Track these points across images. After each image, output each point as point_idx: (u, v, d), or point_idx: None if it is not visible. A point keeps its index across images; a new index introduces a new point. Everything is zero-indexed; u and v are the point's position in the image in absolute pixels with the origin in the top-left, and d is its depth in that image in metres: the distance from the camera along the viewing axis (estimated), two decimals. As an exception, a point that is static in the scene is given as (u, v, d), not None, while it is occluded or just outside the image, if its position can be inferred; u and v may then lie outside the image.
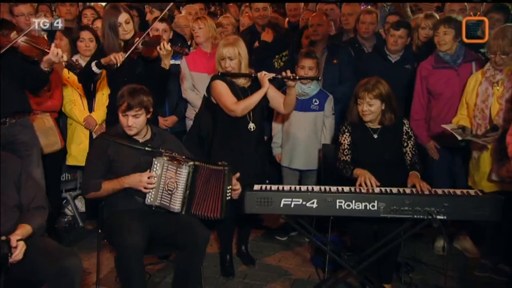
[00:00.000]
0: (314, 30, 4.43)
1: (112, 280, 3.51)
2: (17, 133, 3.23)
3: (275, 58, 4.49)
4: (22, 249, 2.46)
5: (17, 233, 2.52)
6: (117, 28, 3.44)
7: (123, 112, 2.99)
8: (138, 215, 2.99)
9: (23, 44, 3.11)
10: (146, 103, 3.01)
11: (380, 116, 3.35)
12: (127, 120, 3.00)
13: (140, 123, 3.03)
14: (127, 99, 2.96)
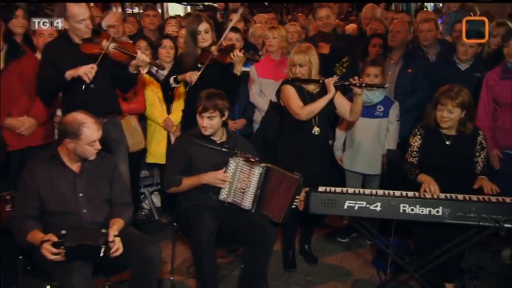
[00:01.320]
0: (393, 36, 4.37)
1: (184, 270, 3.65)
2: (109, 132, 3.39)
3: (336, 67, 4.47)
4: (118, 244, 2.64)
5: (114, 228, 2.71)
6: (197, 36, 3.57)
7: (199, 113, 3.13)
8: (211, 210, 3.10)
9: (113, 50, 3.30)
10: (221, 106, 3.12)
11: (457, 124, 3.26)
12: (202, 121, 3.13)
13: (214, 124, 3.15)
14: (204, 101, 3.11)
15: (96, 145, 2.78)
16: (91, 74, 3.16)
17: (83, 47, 3.29)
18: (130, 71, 3.36)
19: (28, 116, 3.48)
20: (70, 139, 2.73)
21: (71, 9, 3.21)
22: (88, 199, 2.83)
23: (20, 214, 2.71)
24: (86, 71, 3.15)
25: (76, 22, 3.24)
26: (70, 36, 3.33)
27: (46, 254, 2.51)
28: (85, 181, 2.84)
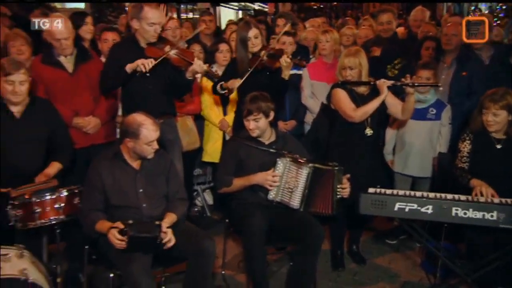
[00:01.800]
0: (448, 39, 4.26)
1: (235, 265, 3.72)
2: (164, 132, 3.47)
3: (387, 68, 4.41)
4: (171, 235, 2.74)
5: (166, 221, 2.81)
6: (247, 42, 3.63)
7: (245, 117, 3.19)
8: (261, 208, 3.15)
9: (174, 56, 3.42)
10: (264, 108, 3.16)
11: (506, 127, 3.16)
12: (249, 123, 3.19)
13: (261, 126, 3.20)
14: (248, 105, 3.17)
15: (153, 145, 2.88)
16: (148, 65, 3.26)
17: (147, 50, 3.42)
18: (187, 77, 3.46)
19: (93, 116, 3.65)
20: (130, 139, 2.85)
21: (146, 11, 3.33)
22: (147, 194, 2.95)
23: (87, 207, 2.85)
24: (143, 62, 3.26)
25: (147, 24, 3.35)
26: (137, 38, 3.47)
27: (111, 239, 2.63)
28: (144, 178, 2.96)
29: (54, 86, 3.49)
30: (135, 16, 3.39)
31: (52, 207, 2.82)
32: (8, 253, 2.54)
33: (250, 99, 3.18)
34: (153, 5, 3.41)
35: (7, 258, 2.49)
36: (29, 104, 3.09)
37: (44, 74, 3.45)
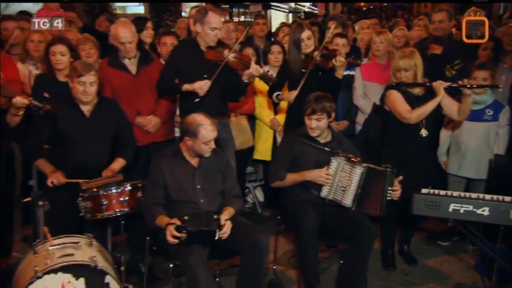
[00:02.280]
0: (509, 39, 4.15)
1: (286, 260, 3.75)
2: (219, 131, 3.57)
3: (446, 68, 4.29)
4: (229, 227, 2.80)
5: (225, 214, 2.88)
6: (300, 43, 3.65)
7: (308, 115, 3.18)
8: (314, 205, 3.16)
9: (232, 59, 3.49)
10: (328, 108, 3.17)
11: None
12: (311, 122, 3.19)
13: (322, 126, 3.20)
14: (312, 104, 3.16)
15: (211, 144, 2.95)
16: (205, 88, 3.38)
17: (207, 53, 3.51)
18: (243, 80, 3.52)
19: (154, 116, 3.78)
20: (189, 137, 2.94)
21: (210, 16, 3.42)
22: (205, 191, 3.03)
23: (149, 201, 2.96)
24: (201, 86, 3.38)
25: (209, 28, 3.45)
26: (198, 42, 3.57)
27: (167, 235, 2.72)
28: (202, 175, 3.04)
29: (119, 87, 3.65)
30: (199, 20, 3.48)
31: (118, 200, 2.95)
32: (79, 241, 2.69)
33: (314, 99, 3.18)
34: (217, 11, 3.51)
35: (78, 246, 2.63)
36: (97, 104, 3.24)
37: (110, 76, 3.61)
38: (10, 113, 2.96)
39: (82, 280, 2.46)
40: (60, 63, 3.47)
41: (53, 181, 3.03)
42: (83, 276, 2.46)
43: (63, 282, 2.41)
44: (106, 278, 2.53)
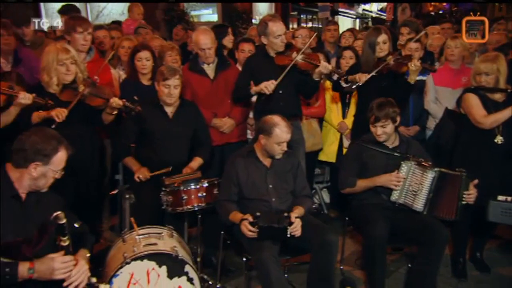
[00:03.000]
0: None
1: (352, 261, 3.70)
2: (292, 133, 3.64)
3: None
4: (299, 224, 2.81)
5: (295, 212, 2.90)
6: (375, 46, 3.60)
7: (372, 123, 3.13)
8: (383, 210, 3.10)
9: (301, 61, 3.53)
10: (392, 114, 3.10)
11: None
12: (376, 130, 3.13)
13: (388, 131, 3.14)
14: (375, 112, 3.11)
15: (283, 146, 2.98)
16: (271, 88, 3.42)
17: (276, 59, 3.58)
18: (314, 79, 3.53)
19: (229, 118, 3.88)
20: (263, 135, 2.99)
21: (270, 26, 3.51)
22: (276, 190, 3.06)
23: (223, 197, 3.05)
24: (266, 85, 3.43)
25: (274, 37, 3.53)
26: (267, 50, 3.65)
27: (243, 230, 2.78)
28: (274, 175, 3.08)
29: (198, 91, 3.78)
30: (262, 33, 3.59)
31: (196, 195, 3.06)
32: (162, 232, 2.82)
33: (377, 106, 3.12)
34: (275, 19, 3.57)
35: (161, 236, 2.76)
36: (179, 106, 3.39)
37: (190, 80, 3.75)
38: (106, 112, 3.17)
39: (164, 267, 2.58)
40: (145, 68, 3.68)
41: (139, 176, 3.20)
42: (165, 264, 2.58)
43: (147, 268, 2.54)
44: (185, 267, 2.63)
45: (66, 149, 2.19)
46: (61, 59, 2.98)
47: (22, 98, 2.77)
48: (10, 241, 2.02)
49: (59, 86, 3.03)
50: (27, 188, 2.14)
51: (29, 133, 2.14)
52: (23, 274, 1.96)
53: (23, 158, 2.09)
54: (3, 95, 2.80)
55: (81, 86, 3.04)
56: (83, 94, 3.01)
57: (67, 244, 2.06)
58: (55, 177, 2.19)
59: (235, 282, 3.42)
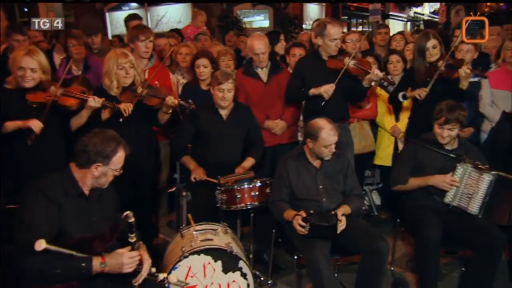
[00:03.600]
0: None
1: (403, 263, 3.59)
2: (340, 135, 3.57)
3: None
4: (344, 223, 2.79)
5: (341, 210, 2.88)
6: (425, 52, 3.50)
7: (441, 125, 3.03)
8: (437, 212, 3.00)
9: (352, 66, 3.49)
10: (462, 118, 3.00)
11: None
12: (442, 131, 3.04)
13: (453, 135, 3.06)
14: (446, 114, 3.00)
15: (330, 148, 2.96)
16: (330, 92, 3.40)
17: (328, 62, 3.56)
18: (364, 85, 3.48)
19: (280, 120, 3.90)
20: (310, 139, 2.99)
21: (329, 28, 3.48)
22: (327, 190, 3.05)
23: (276, 197, 3.07)
24: (326, 90, 3.41)
25: (330, 40, 3.50)
26: (320, 53, 3.63)
27: (295, 225, 2.79)
28: (324, 176, 3.07)
29: (251, 94, 3.83)
30: (319, 34, 3.55)
31: (249, 194, 3.11)
32: (217, 229, 2.89)
33: (448, 109, 3.01)
34: (335, 23, 3.54)
35: (216, 232, 2.83)
36: (233, 109, 3.45)
37: (244, 83, 3.80)
38: (162, 111, 3.28)
39: (219, 262, 2.64)
40: (203, 74, 3.79)
41: (195, 177, 3.29)
42: (220, 259, 2.64)
43: (204, 262, 2.62)
44: (239, 263, 2.68)
45: (124, 149, 2.27)
46: (121, 63, 3.13)
47: (92, 102, 2.94)
48: (83, 237, 2.14)
49: (119, 89, 3.18)
50: (90, 186, 2.25)
51: (90, 135, 2.22)
52: (96, 268, 2.07)
53: (85, 160, 2.18)
54: (76, 99, 2.97)
55: (139, 88, 3.17)
56: (141, 95, 3.15)
57: (134, 240, 2.17)
58: (115, 175, 2.28)
59: (286, 279, 3.42)
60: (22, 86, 2.89)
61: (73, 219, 2.15)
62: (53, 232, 2.06)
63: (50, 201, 2.09)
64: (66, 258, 2.02)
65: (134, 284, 2.18)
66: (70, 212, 2.15)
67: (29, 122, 2.78)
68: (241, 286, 2.70)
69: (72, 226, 2.14)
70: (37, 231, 1.99)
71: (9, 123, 2.80)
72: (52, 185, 2.15)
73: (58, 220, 2.09)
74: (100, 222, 2.25)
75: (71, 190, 2.19)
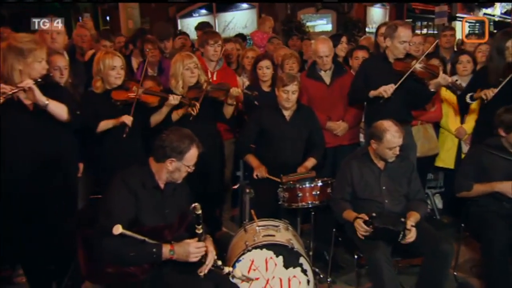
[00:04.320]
0: None
1: (467, 268, 3.42)
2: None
3: None
4: (414, 233, 2.67)
5: (412, 219, 2.75)
6: (504, 51, 3.32)
7: None
8: (504, 217, 2.83)
9: (419, 69, 3.37)
10: None
11: None
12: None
13: None
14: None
15: (395, 150, 2.86)
16: (390, 91, 3.30)
17: (395, 64, 3.45)
18: (429, 89, 3.34)
19: (342, 121, 3.83)
20: (374, 140, 2.91)
21: (400, 30, 3.38)
22: (390, 192, 2.95)
23: (337, 196, 3.02)
24: (386, 89, 3.31)
25: (399, 42, 3.40)
26: (386, 55, 3.53)
27: (357, 228, 2.73)
28: (387, 177, 2.97)
29: (314, 95, 3.80)
30: (389, 35, 3.45)
31: (311, 193, 3.08)
32: (278, 225, 2.90)
33: None
34: (406, 25, 3.44)
35: (278, 229, 2.84)
36: (296, 110, 3.45)
37: (307, 86, 3.78)
38: (227, 104, 3.35)
39: (281, 257, 2.65)
40: (265, 76, 3.83)
41: (257, 174, 3.33)
42: (282, 254, 2.65)
43: (266, 257, 2.64)
44: (300, 259, 2.67)
45: (198, 147, 2.34)
46: (186, 64, 3.26)
47: (172, 99, 3.07)
48: (155, 225, 2.25)
49: (185, 89, 3.30)
50: (165, 180, 2.35)
51: (168, 132, 2.33)
52: (166, 255, 2.17)
53: (161, 154, 2.28)
54: (157, 97, 3.13)
55: (204, 84, 3.29)
56: (207, 90, 3.25)
57: (201, 232, 2.25)
58: (188, 171, 2.36)
59: (345, 278, 3.36)
60: (109, 87, 3.06)
61: (148, 209, 2.26)
62: (129, 219, 2.18)
63: (130, 191, 2.22)
64: (139, 244, 2.14)
65: (199, 274, 2.25)
66: (146, 202, 2.26)
67: (121, 118, 2.96)
68: (301, 282, 2.69)
69: (147, 215, 2.25)
70: (116, 217, 2.12)
71: (103, 122, 2.98)
72: (133, 176, 2.28)
73: (134, 208, 2.21)
74: (172, 214, 2.34)
75: (148, 182, 2.30)
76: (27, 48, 2.50)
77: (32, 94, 2.49)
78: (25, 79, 2.48)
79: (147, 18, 11.78)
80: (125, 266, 2.19)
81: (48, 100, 2.54)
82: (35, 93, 2.49)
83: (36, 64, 2.54)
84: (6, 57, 2.50)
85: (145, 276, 2.21)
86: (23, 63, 2.51)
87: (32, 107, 2.58)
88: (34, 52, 2.52)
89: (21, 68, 2.51)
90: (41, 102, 2.52)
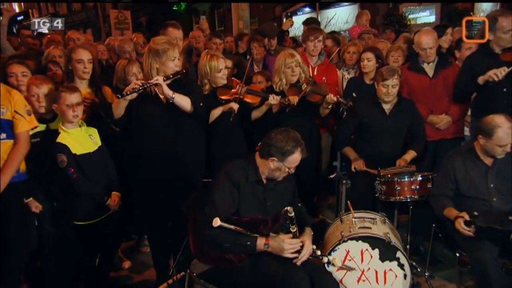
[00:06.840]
0: None
1: None
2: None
3: None
4: None
5: None
6: None
7: None
8: None
9: None
10: None
11: None
12: None
13: None
14: None
15: (506, 148, 2.49)
16: (502, 75, 2.86)
17: (503, 55, 2.99)
18: None
19: (446, 115, 3.40)
20: (482, 136, 2.53)
21: (501, 21, 2.96)
22: (498, 189, 2.57)
23: (438, 192, 2.70)
24: (496, 72, 2.88)
25: (503, 32, 2.96)
26: (492, 46, 3.08)
27: (458, 228, 2.42)
28: (496, 174, 2.59)
29: (416, 88, 3.41)
30: (490, 28, 3.01)
31: (409, 187, 2.80)
32: (375, 218, 2.67)
33: None
34: (506, 14, 2.98)
35: (374, 221, 2.62)
36: (396, 103, 3.15)
37: (408, 79, 3.41)
38: (322, 107, 3.17)
39: (377, 250, 2.44)
40: (366, 67, 3.58)
41: (355, 167, 3.12)
42: (377, 247, 2.44)
43: (362, 248, 2.45)
44: (397, 253, 2.43)
45: (302, 152, 2.22)
46: (288, 62, 3.13)
47: (272, 100, 3.00)
48: (255, 218, 2.20)
49: (287, 86, 3.18)
50: (267, 175, 2.27)
51: (277, 131, 2.23)
52: (260, 247, 2.13)
53: (267, 152, 2.21)
54: (258, 97, 3.08)
55: (304, 85, 3.13)
56: (306, 92, 3.10)
57: (295, 230, 2.17)
58: (289, 172, 2.25)
59: (444, 274, 3.03)
60: (215, 86, 3.07)
61: (249, 201, 2.23)
62: (230, 211, 2.17)
63: (233, 184, 2.19)
64: (236, 235, 2.11)
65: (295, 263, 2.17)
66: (248, 194, 2.23)
67: (230, 104, 2.96)
68: (397, 275, 2.45)
69: (247, 207, 2.22)
70: (217, 209, 2.13)
71: (214, 111, 2.99)
72: (237, 169, 2.24)
73: (236, 201, 2.19)
74: (274, 207, 2.27)
75: (252, 176, 2.25)
76: (162, 49, 2.62)
77: (161, 88, 2.60)
78: (160, 76, 2.60)
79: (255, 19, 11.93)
80: (222, 253, 2.18)
81: (174, 93, 2.61)
82: (163, 88, 2.58)
83: (170, 62, 2.64)
84: (147, 58, 2.67)
85: (242, 264, 2.18)
86: (159, 62, 2.63)
87: (165, 101, 2.69)
88: (167, 52, 2.62)
89: (157, 66, 2.65)
90: (168, 96, 2.61)
